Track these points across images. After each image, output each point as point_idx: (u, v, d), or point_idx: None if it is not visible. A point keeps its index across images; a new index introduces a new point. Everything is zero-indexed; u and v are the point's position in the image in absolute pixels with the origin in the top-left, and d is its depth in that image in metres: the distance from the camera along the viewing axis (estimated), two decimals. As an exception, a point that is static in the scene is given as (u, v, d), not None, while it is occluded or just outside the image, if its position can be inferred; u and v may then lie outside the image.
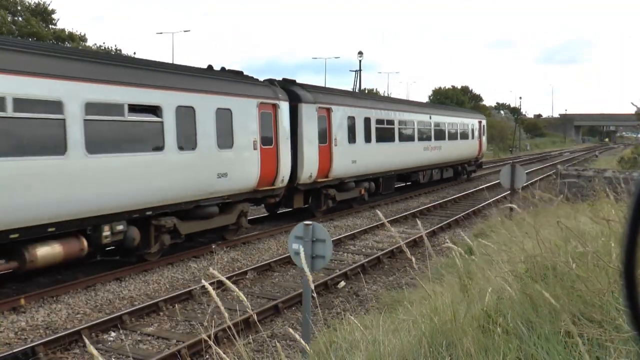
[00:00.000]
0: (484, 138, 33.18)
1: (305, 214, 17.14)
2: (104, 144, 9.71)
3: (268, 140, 14.25)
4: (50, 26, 39.43)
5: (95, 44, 41.21)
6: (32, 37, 35.95)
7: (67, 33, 39.68)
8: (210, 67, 14.10)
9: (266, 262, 11.73)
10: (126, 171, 10.09)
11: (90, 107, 9.37)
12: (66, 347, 7.40)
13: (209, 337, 3.20)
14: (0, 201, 8.01)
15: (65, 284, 10.03)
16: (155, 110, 10.84)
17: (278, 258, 12.02)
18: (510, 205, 6.80)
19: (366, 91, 53.47)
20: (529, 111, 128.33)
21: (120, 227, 10.25)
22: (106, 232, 9.96)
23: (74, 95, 9.08)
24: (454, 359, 3.00)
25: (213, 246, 12.65)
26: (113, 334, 7.95)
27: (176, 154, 11.23)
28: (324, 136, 16.79)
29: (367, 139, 19.26)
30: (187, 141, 11.58)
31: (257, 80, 14.86)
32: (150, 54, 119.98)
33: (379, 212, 4.69)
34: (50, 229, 8.92)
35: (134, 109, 10.36)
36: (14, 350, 6.96)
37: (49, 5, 39.61)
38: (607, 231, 3.35)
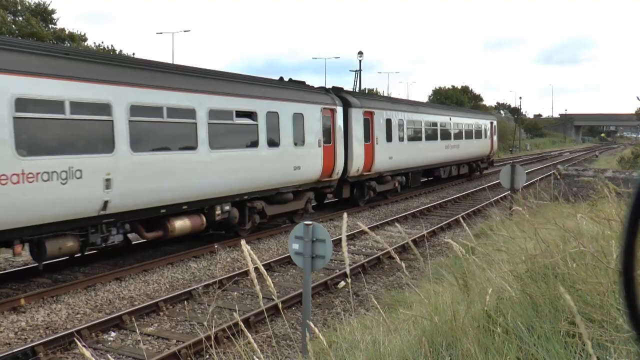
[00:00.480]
0: (495, 137, 35.54)
1: (341, 205, 19.72)
2: (220, 142, 12.52)
3: (328, 139, 16.93)
4: (51, 26, 39.42)
5: (95, 43, 41.20)
6: (32, 37, 35.95)
7: (67, 33, 39.67)
8: (281, 78, 16.92)
9: (266, 262, 11.73)
10: (234, 163, 12.93)
11: (212, 114, 12.28)
12: (66, 347, 7.40)
13: (209, 337, 3.20)
14: (158, 184, 10.85)
15: (65, 283, 10.04)
16: (252, 115, 13.65)
17: (278, 258, 12.03)
18: (510, 205, 6.80)
19: (366, 91, 53.54)
20: (529, 111, 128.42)
21: (227, 208, 13.17)
22: (218, 211, 12.82)
23: (203, 105, 12.06)
24: (454, 359, 3.00)
25: (215, 246, 12.68)
26: (113, 334, 7.95)
27: (266, 150, 14.04)
28: (368, 136, 19.25)
29: (401, 138, 21.84)
30: (273, 140, 14.41)
31: (318, 89, 17.95)
32: (150, 54, 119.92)
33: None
34: (184, 207, 11.71)
35: (239, 114, 13.21)
36: (14, 350, 6.96)
37: (49, 5, 39.61)
38: (607, 231, 3.36)
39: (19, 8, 38.25)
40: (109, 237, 10.46)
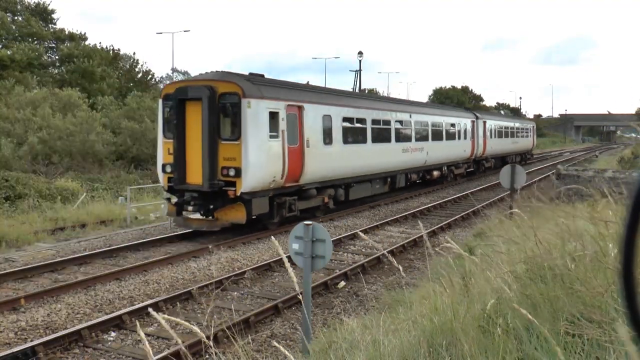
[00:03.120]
0: (535, 137, 48.65)
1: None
2: (376, 139, 19.87)
3: (472, 136, 30.19)
4: (50, 25, 39.42)
5: (93, 43, 41.19)
6: (32, 37, 35.94)
7: (66, 33, 39.68)
8: (442, 102, 33.35)
9: (266, 262, 11.73)
10: (384, 152, 20.45)
11: (374, 122, 19.77)
12: (66, 347, 7.40)
13: (208, 337, 3.19)
14: (352, 162, 17.98)
15: (65, 283, 10.05)
16: (389, 122, 21.14)
17: (278, 258, 12.02)
18: (510, 205, 6.80)
19: (366, 91, 53.54)
20: (529, 111, 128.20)
21: (413, 176, 23.62)
22: (399, 180, 22.04)
23: (369, 116, 19.44)
24: (453, 359, 3.00)
25: (209, 247, 12.68)
26: (113, 334, 7.95)
27: (448, 142, 26.48)
28: (477, 135, 30.82)
29: (492, 136, 33.51)
30: (452, 137, 27.05)
31: (465, 108, 32.37)
32: (150, 53, 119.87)
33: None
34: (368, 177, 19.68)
35: (384, 122, 20.96)
36: (14, 350, 6.96)
37: (48, 5, 39.60)
38: (605, 232, 3.36)
39: (19, 8, 38.24)
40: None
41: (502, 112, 72.90)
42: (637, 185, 1.06)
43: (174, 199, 14.23)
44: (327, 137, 16.52)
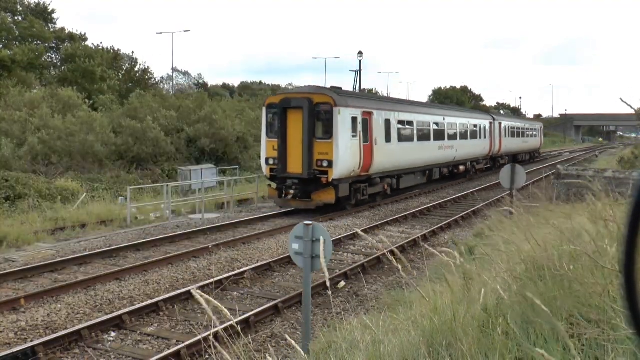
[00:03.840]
0: (542, 137, 53.15)
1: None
2: (421, 137, 23.83)
3: (490, 136, 33.45)
4: (50, 25, 39.42)
5: (93, 44, 41.18)
6: (32, 37, 35.94)
7: (67, 33, 39.68)
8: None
9: (266, 262, 11.73)
10: (426, 149, 24.18)
11: (418, 124, 23.64)
12: (66, 347, 7.40)
13: (210, 336, 3.20)
14: (405, 157, 21.50)
15: (65, 283, 10.05)
16: (439, 124, 26.18)
17: (278, 258, 12.03)
18: (509, 205, 6.80)
19: (366, 91, 53.57)
20: (529, 111, 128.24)
21: (445, 170, 26.74)
22: (435, 173, 25.34)
23: (415, 119, 23.23)
24: (453, 359, 3.00)
25: (210, 246, 12.67)
26: (113, 334, 7.95)
27: (471, 141, 29.88)
28: (494, 135, 34.21)
29: (506, 136, 37.27)
30: (474, 137, 30.51)
31: (484, 111, 42.33)
32: (150, 53, 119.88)
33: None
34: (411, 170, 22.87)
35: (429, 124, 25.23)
36: (14, 350, 6.96)
37: (49, 5, 39.60)
38: (604, 232, 3.36)
39: (19, 8, 38.24)
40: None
41: (502, 111, 73.06)
42: (638, 185, 1.07)
43: (274, 185, 18.13)
44: (388, 136, 20.49)
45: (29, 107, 26.59)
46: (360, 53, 39.56)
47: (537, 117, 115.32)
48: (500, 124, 35.65)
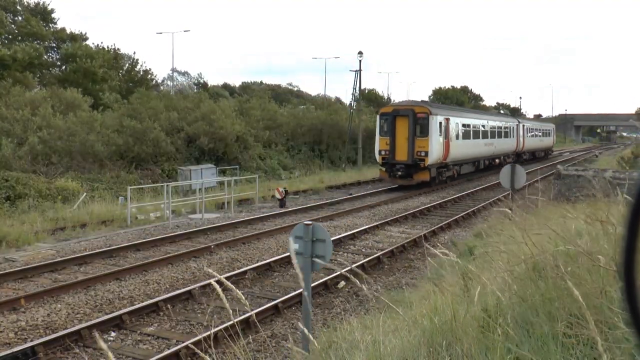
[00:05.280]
0: (554, 137, 60.20)
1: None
2: (479, 136, 32.00)
3: (516, 135, 39.92)
4: (51, 25, 39.39)
5: (93, 43, 41.13)
6: (32, 37, 35.93)
7: (67, 33, 39.66)
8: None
9: (266, 261, 11.73)
10: (482, 145, 32.56)
11: (478, 126, 32.75)
12: (66, 347, 7.40)
13: (209, 337, 3.20)
14: (468, 150, 29.88)
15: (65, 283, 10.05)
16: (508, 127, 38.15)
17: (278, 258, 12.03)
18: (509, 205, 6.81)
19: (366, 91, 53.57)
20: (529, 111, 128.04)
21: (487, 162, 34.03)
22: (481, 163, 32.90)
23: (475, 123, 31.96)
24: (453, 359, 3.00)
25: (211, 246, 12.66)
26: (113, 333, 7.96)
27: (504, 139, 37.18)
28: (519, 135, 40.91)
29: (527, 135, 43.92)
30: (506, 136, 37.72)
31: (511, 115, 56.48)
32: (150, 53, 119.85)
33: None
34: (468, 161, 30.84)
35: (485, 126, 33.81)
36: (14, 350, 6.97)
37: (48, 4, 39.58)
38: (604, 232, 3.36)
39: (18, 8, 38.21)
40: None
41: (502, 111, 73.27)
42: (638, 185, 1.07)
43: (383, 169, 26.09)
44: (457, 135, 28.10)
45: (31, 107, 26.57)
46: (360, 53, 39.52)
47: (537, 117, 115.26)
48: (523, 125, 43.31)
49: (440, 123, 25.65)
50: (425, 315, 3.84)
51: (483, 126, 33.05)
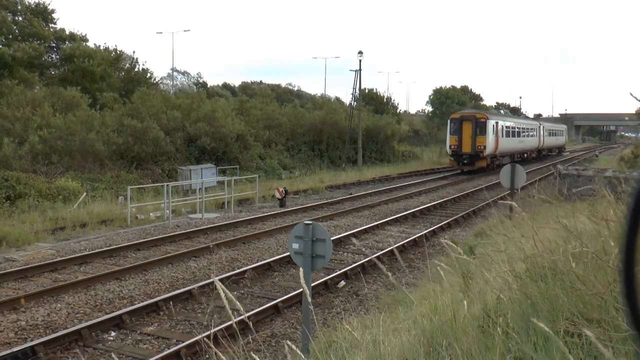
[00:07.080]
0: (567, 136, 69.21)
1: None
2: (516, 135, 42.57)
3: (537, 135, 48.71)
4: (51, 25, 39.39)
5: (95, 44, 41.12)
6: (32, 37, 35.94)
7: (68, 33, 39.67)
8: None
9: (266, 261, 11.73)
10: (522, 142, 44.29)
11: (513, 127, 42.61)
12: (66, 346, 7.40)
13: (209, 337, 3.19)
14: (511, 146, 40.49)
15: (65, 283, 10.05)
16: (532, 128, 48.37)
17: (278, 257, 12.03)
18: (510, 205, 6.80)
19: (366, 91, 53.59)
20: (529, 111, 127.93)
21: (520, 156, 43.84)
22: (516, 157, 41.70)
23: (515, 125, 43.09)
24: (453, 359, 3.00)
25: (210, 245, 12.66)
26: (113, 333, 7.95)
27: (530, 138, 47.10)
28: (540, 134, 49.32)
29: (548, 135, 52.94)
30: (532, 135, 47.25)
31: (533, 118, 65.33)
32: (150, 53, 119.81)
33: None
34: (509, 154, 40.98)
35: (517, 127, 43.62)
36: (14, 350, 6.96)
37: (49, 4, 39.58)
38: (606, 231, 3.35)
39: (19, 8, 38.22)
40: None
41: (502, 111, 73.42)
42: (638, 185, 1.06)
43: (452, 159, 35.53)
44: (502, 134, 36.86)
45: (32, 106, 26.55)
46: (360, 53, 39.49)
47: (537, 117, 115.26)
48: (543, 126, 51.88)
49: (493, 126, 35.24)
50: (425, 315, 3.83)
51: (517, 127, 42.39)
